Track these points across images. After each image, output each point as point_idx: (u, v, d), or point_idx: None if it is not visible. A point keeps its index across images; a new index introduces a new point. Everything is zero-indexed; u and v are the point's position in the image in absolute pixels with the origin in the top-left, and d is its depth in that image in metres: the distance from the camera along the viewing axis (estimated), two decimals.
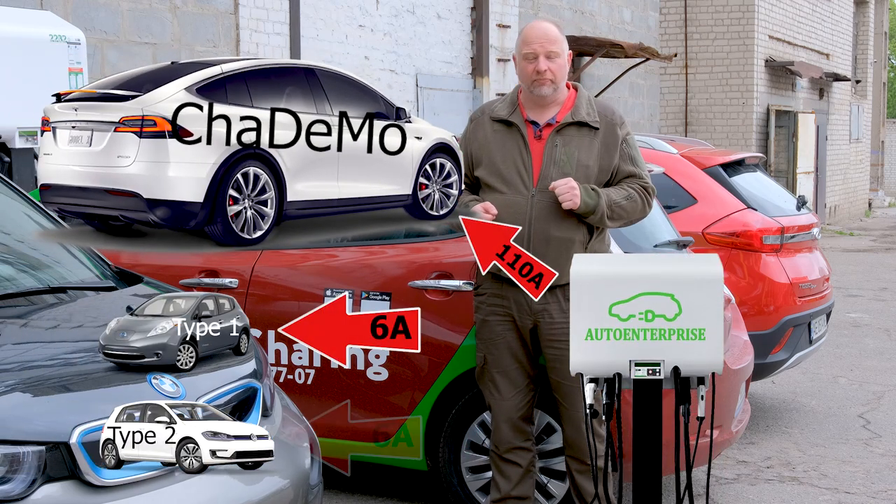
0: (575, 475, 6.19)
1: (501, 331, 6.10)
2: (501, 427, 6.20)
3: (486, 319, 6.13)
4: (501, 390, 6.15)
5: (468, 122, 6.25)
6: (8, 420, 3.72)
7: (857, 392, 10.78)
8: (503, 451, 6.22)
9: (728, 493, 7.64)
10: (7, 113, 8.76)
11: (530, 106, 6.05)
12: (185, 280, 7.10)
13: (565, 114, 6.00)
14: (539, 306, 5.97)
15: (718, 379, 6.68)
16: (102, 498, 3.83)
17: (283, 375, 6.98)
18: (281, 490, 4.53)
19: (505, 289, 6.02)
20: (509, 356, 6.12)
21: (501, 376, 6.14)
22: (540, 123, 6.00)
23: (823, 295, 9.81)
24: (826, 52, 35.25)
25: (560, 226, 5.90)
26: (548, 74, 5.91)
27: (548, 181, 5.88)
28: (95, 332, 4.58)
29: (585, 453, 6.06)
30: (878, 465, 8.31)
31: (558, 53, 5.97)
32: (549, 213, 5.89)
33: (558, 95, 6.04)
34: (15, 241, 5.34)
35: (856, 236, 31.24)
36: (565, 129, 5.97)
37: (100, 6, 11.87)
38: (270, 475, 4.54)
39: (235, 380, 4.58)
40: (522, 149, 5.97)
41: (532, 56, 5.94)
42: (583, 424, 6.04)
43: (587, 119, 5.97)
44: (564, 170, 5.88)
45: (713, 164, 9.70)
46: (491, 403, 6.23)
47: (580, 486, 6.17)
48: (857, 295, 17.89)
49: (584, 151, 5.94)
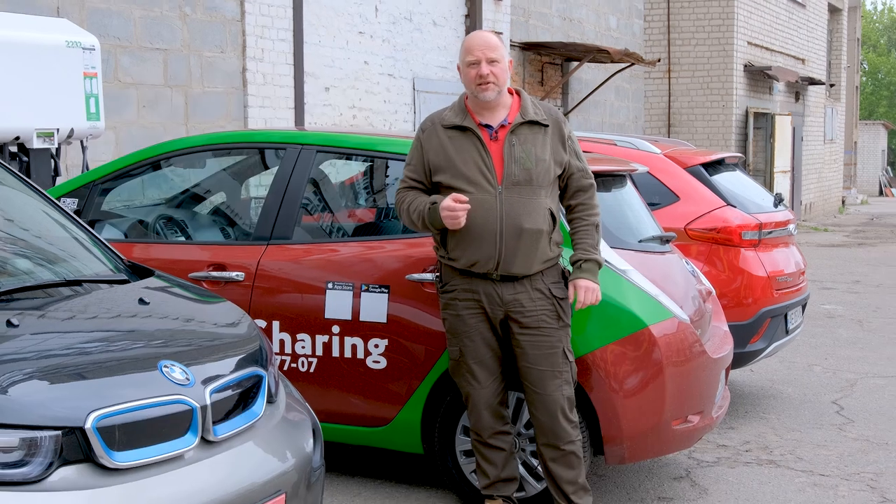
0: (549, 464, 6.15)
1: (475, 323, 6.12)
2: (483, 414, 6.21)
3: (460, 314, 6.13)
4: (480, 379, 6.17)
5: (418, 131, 6.28)
6: (26, 406, 3.73)
7: (831, 380, 10.79)
8: (486, 437, 6.23)
9: (709, 475, 7.65)
10: (26, 115, 8.76)
11: (479, 111, 6.10)
12: (194, 273, 7.09)
13: (515, 115, 6.08)
14: (509, 297, 6.01)
15: (701, 366, 6.75)
16: (116, 480, 3.83)
17: (287, 364, 6.98)
18: (285, 472, 4.53)
19: (475, 283, 6.07)
20: (484, 346, 6.13)
21: (478, 366, 6.15)
22: (493, 126, 6.05)
23: (799, 288, 9.82)
24: (802, 58, 35.28)
25: (529, 219, 5.95)
26: (490, 78, 5.98)
27: (511, 178, 5.95)
28: (109, 323, 4.59)
29: (560, 438, 6.08)
30: (851, 449, 8.32)
31: (498, 59, 6.04)
32: (518, 208, 5.95)
33: (502, 99, 6.11)
34: (33, 237, 5.34)
35: (830, 232, 31.28)
36: (518, 129, 6.03)
37: (113, 14, 11.86)
38: (276, 458, 4.56)
39: (242, 368, 4.58)
40: (481, 150, 6.00)
41: (475, 62, 6.03)
42: (556, 409, 6.06)
43: (536, 118, 6.07)
44: (525, 165, 5.96)
45: (695, 164, 9.70)
46: (470, 393, 6.22)
47: (555, 475, 6.14)
48: (831, 288, 17.92)
49: (539, 147, 6.02)
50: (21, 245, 5.23)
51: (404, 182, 6.22)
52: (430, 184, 6.13)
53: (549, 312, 6.03)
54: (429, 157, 6.12)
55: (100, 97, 9.34)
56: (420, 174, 6.15)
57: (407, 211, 6.12)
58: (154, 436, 4.02)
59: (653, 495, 7.23)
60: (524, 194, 5.94)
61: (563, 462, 6.12)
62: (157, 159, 7.80)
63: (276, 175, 7.36)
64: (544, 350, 6.03)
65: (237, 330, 4.93)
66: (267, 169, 8.22)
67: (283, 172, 7.30)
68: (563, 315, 6.08)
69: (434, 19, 17.58)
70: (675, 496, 7.23)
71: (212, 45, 13.18)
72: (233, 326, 4.96)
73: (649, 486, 7.42)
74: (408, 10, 16.93)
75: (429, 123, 6.24)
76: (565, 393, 6.07)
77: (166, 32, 12.57)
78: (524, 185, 5.94)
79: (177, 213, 8.19)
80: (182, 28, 12.76)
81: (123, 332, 4.56)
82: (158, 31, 12.46)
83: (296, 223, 7.22)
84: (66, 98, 9.07)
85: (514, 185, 5.94)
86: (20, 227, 5.39)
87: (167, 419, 4.08)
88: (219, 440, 4.28)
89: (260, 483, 4.35)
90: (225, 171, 8.43)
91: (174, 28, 12.66)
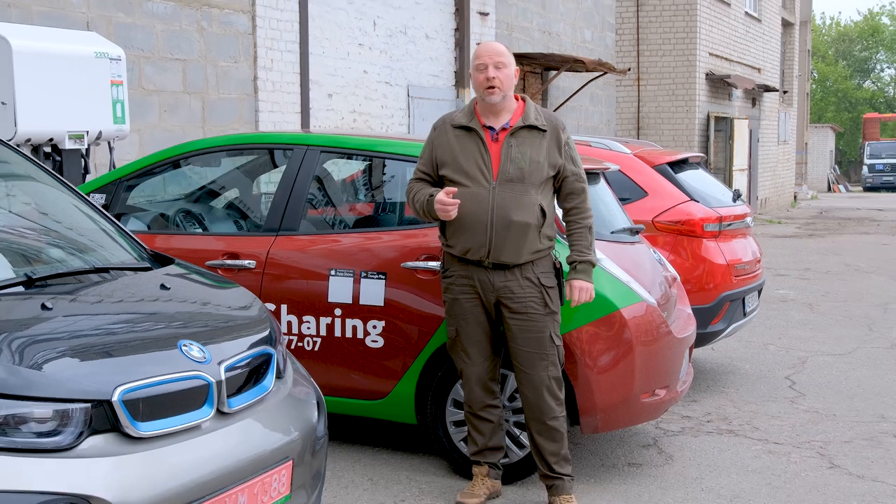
0: (535, 436, 6.16)
1: (470, 307, 6.11)
2: (474, 389, 6.21)
3: (457, 298, 6.14)
4: (472, 358, 6.17)
5: (431, 129, 6.29)
6: (59, 381, 3.73)
7: (784, 357, 10.80)
8: (477, 409, 6.24)
9: (674, 443, 7.65)
10: (59, 119, 8.74)
11: (485, 114, 6.09)
12: (210, 261, 7.09)
13: (517, 119, 6.06)
14: (500, 283, 6.01)
15: (667, 345, 6.76)
16: (139, 447, 3.83)
17: (294, 343, 6.98)
18: (292, 440, 4.53)
19: (471, 270, 6.07)
20: (478, 328, 6.13)
21: (472, 346, 6.15)
22: (496, 128, 6.05)
23: (755, 274, 9.82)
24: (758, 67, 35.28)
25: (518, 213, 5.93)
26: (496, 82, 5.97)
27: (506, 176, 5.94)
28: (133, 306, 4.59)
29: (544, 413, 6.09)
30: (802, 420, 8.33)
31: (505, 65, 6.03)
32: (509, 203, 5.93)
33: (508, 103, 6.09)
34: (65, 229, 5.33)
35: (783, 224, 31.28)
36: (518, 132, 6.01)
37: (137, 28, 11.83)
38: (284, 428, 4.56)
39: (253, 346, 4.58)
40: (482, 149, 6.00)
41: (483, 67, 6.01)
42: (542, 387, 6.07)
43: (536, 123, 6.04)
44: (520, 165, 5.95)
45: (661, 163, 9.69)
46: (463, 369, 6.23)
47: (540, 446, 6.16)
48: (784, 274, 17.93)
49: (535, 150, 5.99)
50: (54, 236, 5.23)
51: (415, 174, 6.23)
52: (438, 177, 6.14)
53: (537, 299, 6.03)
54: (437, 153, 6.13)
55: (125, 103, 9.32)
56: (429, 167, 6.17)
57: (413, 200, 6.14)
58: (174, 408, 4.02)
59: (624, 461, 7.24)
60: (516, 190, 5.93)
61: (546, 435, 6.13)
62: (177, 158, 7.79)
63: (283, 173, 7.35)
64: (532, 334, 6.03)
65: (249, 312, 4.92)
66: (276, 167, 8.21)
67: (290, 170, 7.29)
68: (550, 303, 6.07)
69: (426, 33, 17.55)
70: (644, 462, 7.24)
71: (226, 56, 13.15)
72: (245, 309, 4.95)
73: (620, 453, 7.43)
74: (403, 25, 16.89)
75: (440, 122, 6.25)
76: (551, 373, 6.07)
77: (185, 45, 12.53)
78: (517, 182, 5.93)
79: (194, 207, 8.18)
80: (199, 41, 12.73)
81: (146, 314, 4.55)
82: (178, 43, 12.43)
83: (302, 216, 7.22)
84: (94, 103, 9.04)
85: (507, 182, 5.93)
86: (54, 220, 5.39)
87: (186, 393, 4.08)
88: (233, 412, 4.28)
89: (270, 450, 4.36)
90: (238, 169, 8.42)
91: (192, 41, 12.63)
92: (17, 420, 3.63)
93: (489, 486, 6.32)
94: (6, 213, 5.23)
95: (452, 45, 18.27)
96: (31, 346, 3.83)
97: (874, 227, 29.95)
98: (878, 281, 17.20)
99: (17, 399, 3.64)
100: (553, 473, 6.16)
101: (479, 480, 6.31)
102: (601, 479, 6.86)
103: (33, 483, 3.55)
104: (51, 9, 10.81)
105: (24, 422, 3.64)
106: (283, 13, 14.12)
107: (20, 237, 5.06)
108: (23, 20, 10.45)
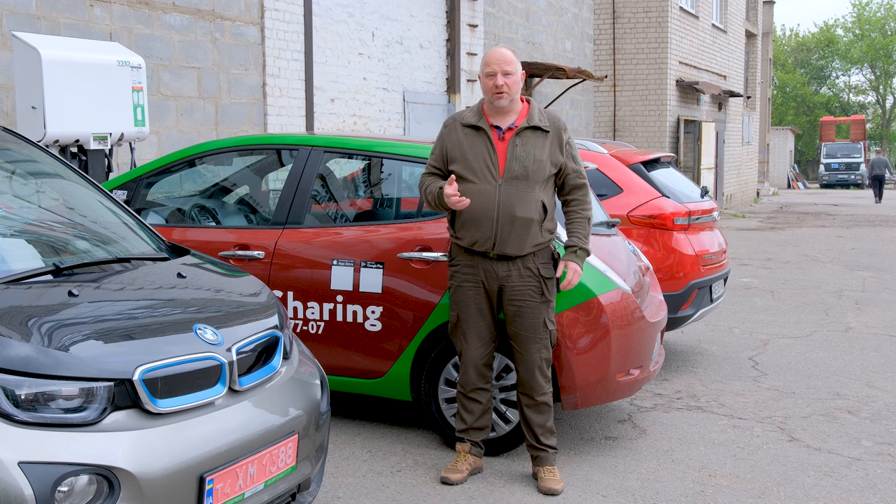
0: (525, 409, 6.19)
1: (472, 295, 6.11)
2: (468, 371, 6.21)
3: (461, 285, 6.13)
4: (470, 342, 6.16)
5: (442, 127, 6.25)
6: (85, 361, 3.73)
7: (748, 340, 10.81)
8: (468, 390, 6.23)
9: (647, 418, 7.66)
10: (85, 122, 8.74)
11: (493, 114, 6.06)
12: (223, 252, 7.09)
13: (522, 120, 6.03)
14: (503, 273, 6.00)
15: (640, 329, 6.76)
16: (158, 422, 3.84)
17: (300, 327, 6.98)
18: (298, 416, 4.54)
19: (476, 260, 6.06)
20: (478, 315, 6.12)
21: (471, 331, 6.15)
22: (502, 128, 6.02)
23: (722, 264, 9.83)
24: (724, 74, 35.29)
25: (522, 208, 5.91)
26: (504, 88, 5.95)
27: (511, 173, 5.91)
28: (152, 293, 4.58)
29: (534, 390, 6.10)
30: (765, 397, 8.34)
31: (513, 72, 5.99)
32: (514, 199, 5.92)
33: (514, 106, 6.06)
34: (90, 222, 5.32)
35: (747, 218, 31.31)
36: (523, 132, 5.99)
37: (156, 38, 11.80)
38: (290, 405, 4.56)
39: (262, 330, 4.58)
40: (489, 147, 5.98)
41: (492, 74, 5.98)
42: (534, 367, 6.08)
43: (540, 124, 6.01)
44: (524, 163, 5.92)
45: (635, 162, 9.69)
46: (461, 351, 6.23)
47: (529, 419, 6.17)
48: (747, 264, 17.93)
49: (539, 149, 5.97)
50: (80, 229, 5.22)
51: (427, 169, 6.21)
52: (448, 171, 6.11)
53: (535, 289, 6.03)
54: (447, 149, 6.10)
55: (145, 107, 9.30)
56: (439, 162, 6.14)
57: (424, 192, 6.13)
58: (190, 386, 4.03)
59: (601, 435, 7.25)
60: (520, 188, 5.91)
61: (535, 409, 6.14)
62: (192, 158, 7.78)
63: (290, 171, 7.34)
64: (528, 319, 6.03)
65: (258, 299, 4.92)
66: (283, 166, 8.20)
67: (296, 169, 7.29)
68: (546, 292, 6.07)
69: (421, 43, 17.52)
70: (619, 436, 7.25)
71: (237, 65, 13.12)
72: (255, 296, 4.95)
73: (598, 427, 7.44)
74: (399, 36, 16.87)
75: (451, 121, 6.21)
76: (543, 355, 6.08)
77: (200, 54, 12.50)
78: (521, 179, 5.92)
79: (208, 202, 8.17)
80: (213, 50, 12.70)
81: (164, 300, 4.55)
82: (193, 52, 12.40)
83: (307, 211, 7.21)
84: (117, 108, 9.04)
85: (512, 179, 5.92)
86: (79, 214, 5.38)
87: (201, 372, 4.09)
88: (243, 390, 4.29)
89: (277, 425, 4.36)
90: (248, 167, 8.41)
91: (206, 50, 12.60)
92: (46, 397, 3.64)
93: (471, 463, 6.30)
94: (36, 208, 5.23)
95: (444, 55, 18.25)
96: (59, 329, 3.83)
97: (830, 221, 29.99)
98: (834, 270, 17.21)
99: (46, 378, 3.65)
100: (539, 444, 6.16)
101: (461, 457, 6.30)
102: (580, 451, 6.86)
103: (61, 455, 3.56)
104: (77, 21, 10.78)
105: (53, 399, 3.65)
106: (290, 25, 14.09)
107: (49, 230, 5.06)
108: (51, 32, 10.43)
